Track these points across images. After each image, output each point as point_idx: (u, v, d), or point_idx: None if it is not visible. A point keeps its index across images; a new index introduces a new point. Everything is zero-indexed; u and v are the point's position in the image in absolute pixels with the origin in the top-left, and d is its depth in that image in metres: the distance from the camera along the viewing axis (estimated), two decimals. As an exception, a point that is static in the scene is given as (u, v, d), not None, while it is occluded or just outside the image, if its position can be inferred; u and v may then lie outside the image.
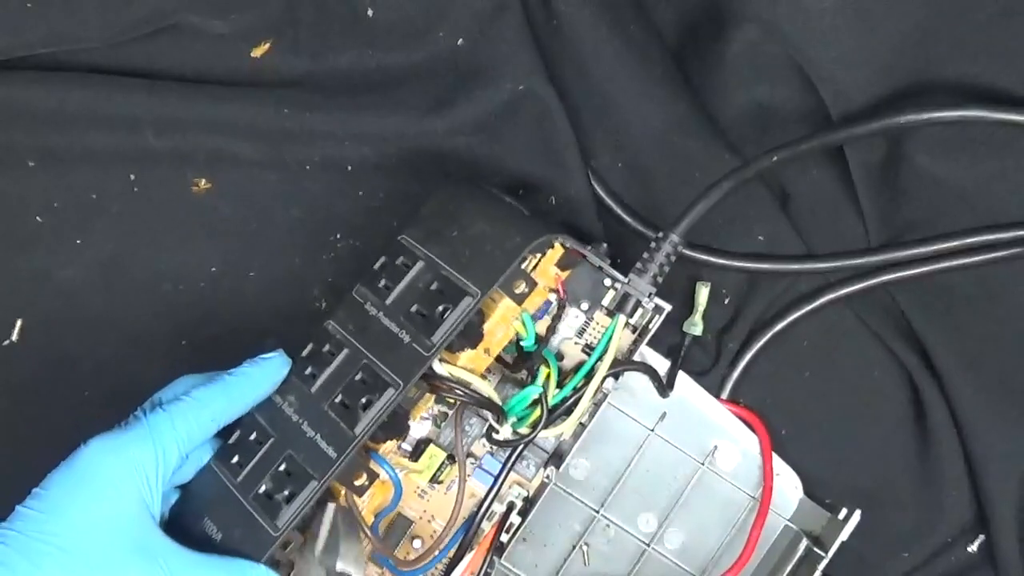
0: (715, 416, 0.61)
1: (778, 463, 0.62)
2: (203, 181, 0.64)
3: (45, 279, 0.63)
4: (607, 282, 0.59)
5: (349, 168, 0.64)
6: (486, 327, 0.54)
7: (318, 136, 0.64)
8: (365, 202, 0.65)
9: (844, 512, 0.61)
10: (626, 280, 0.58)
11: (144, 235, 0.63)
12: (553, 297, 0.58)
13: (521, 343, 0.57)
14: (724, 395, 0.64)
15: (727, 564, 0.60)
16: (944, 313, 0.63)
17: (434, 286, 0.53)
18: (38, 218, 0.63)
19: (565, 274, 0.57)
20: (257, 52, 0.64)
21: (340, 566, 0.53)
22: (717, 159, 0.65)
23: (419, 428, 0.58)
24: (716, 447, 0.61)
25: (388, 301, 0.54)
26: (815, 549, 0.61)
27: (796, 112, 0.65)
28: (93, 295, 0.63)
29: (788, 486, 0.62)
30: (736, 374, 0.64)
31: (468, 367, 0.54)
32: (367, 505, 0.55)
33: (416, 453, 0.57)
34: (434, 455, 0.57)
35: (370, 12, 0.64)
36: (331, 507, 0.53)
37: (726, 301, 0.64)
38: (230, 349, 0.62)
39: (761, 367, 0.64)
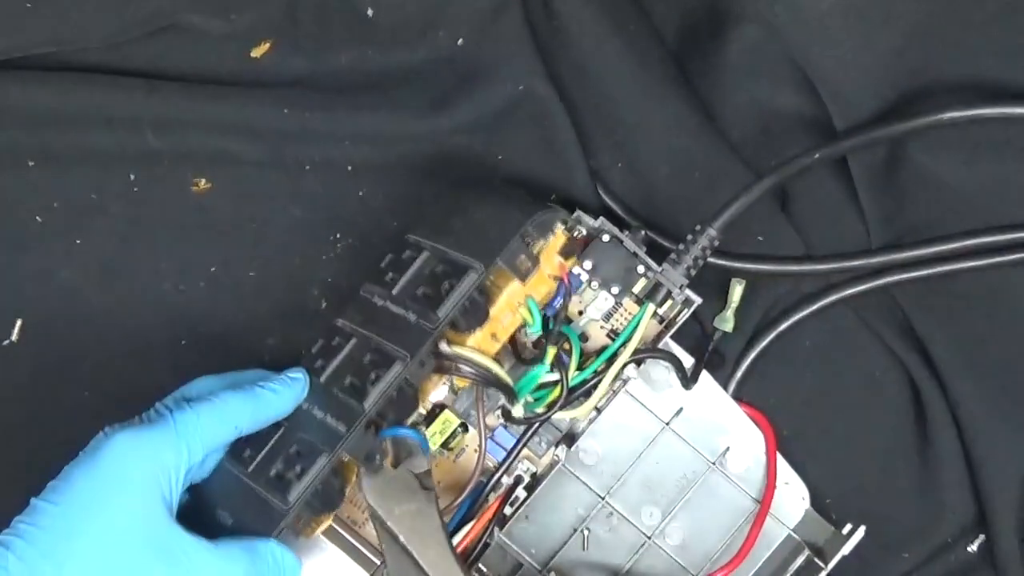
0: (730, 418, 0.61)
1: (788, 472, 0.62)
2: (203, 181, 0.64)
3: (45, 279, 0.63)
4: (640, 269, 0.59)
5: (349, 168, 0.64)
6: (492, 311, 0.54)
7: (318, 136, 0.64)
8: (365, 202, 0.65)
9: (848, 527, 0.61)
10: (659, 269, 0.58)
11: (144, 235, 0.63)
12: (558, 285, 0.57)
13: (528, 329, 0.57)
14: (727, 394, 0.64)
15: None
16: (945, 314, 0.63)
17: (439, 269, 0.54)
18: (38, 218, 0.63)
19: (569, 262, 0.57)
20: (257, 52, 0.64)
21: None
22: (717, 158, 0.65)
23: (435, 393, 0.58)
24: (728, 449, 0.61)
25: (395, 291, 0.54)
26: (816, 560, 0.61)
27: (797, 112, 0.65)
28: (93, 295, 0.63)
29: (795, 496, 0.62)
30: (739, 374, 0.64)
31: (477, 350, 0.54)
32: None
33: (430, 417, 0.58)
34: (448, 420, 0.58)
35: (370, 12, 0.64)
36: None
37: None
38: (230, 349, 0.62)
39: (763, 368, 0.64)
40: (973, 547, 0.65)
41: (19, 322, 0.62)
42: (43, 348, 0.62)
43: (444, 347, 0.53)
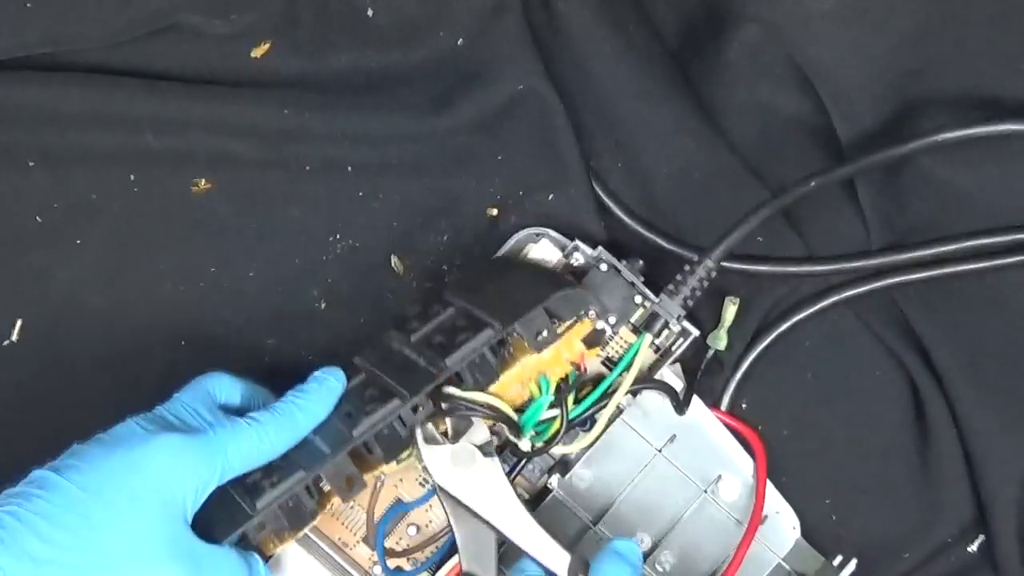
0: (724, 446, 0.61)
1: (779, 502, 0.61)
2: (203, 181, 0.64)
3: (45, 279, 0.63)
4: (637, 299, 0.59)
5: (349, 168, 0.64)
6: (503, 377, 0.55)
7: (318, 136, 0.64)
8: (365, 202, 0.65)
9: (839, 559, 0.61)
10: (657, 300, 0.58)
11: (144, 235, 0.63)
12: (572, 371, 0.58)
13: (537, 401, 0.57)
14: (727, 396, 0.64)
15: (715, 593, 0.60)
16: (945, 314, 0.63)
17: (459, 323, 0.55)
18: (38, 218, 0.63)
19: (591, 353, 0.58)
20: (257, 52, 0.64)
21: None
22: (717, 159, 0.65)
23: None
24: (720, 477, 0.60)
25: (413, 338, 0.55)
26: None
27: (797, 112, 0.65)
28: (93, 295, 0.63)
29: (786, 525, 0.61)
30: (739, 375, 0.64)
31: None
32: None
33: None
34: None
35: (370, 12, 0.64)
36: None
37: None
38: (230, 349, 0.62)
39: (763, 368, 0.64)
40: (973, 547, 0.65)
41: (19, 322, 0.62)
42: (43, 348, 0.62)
43: (451, 389, 0.54)
